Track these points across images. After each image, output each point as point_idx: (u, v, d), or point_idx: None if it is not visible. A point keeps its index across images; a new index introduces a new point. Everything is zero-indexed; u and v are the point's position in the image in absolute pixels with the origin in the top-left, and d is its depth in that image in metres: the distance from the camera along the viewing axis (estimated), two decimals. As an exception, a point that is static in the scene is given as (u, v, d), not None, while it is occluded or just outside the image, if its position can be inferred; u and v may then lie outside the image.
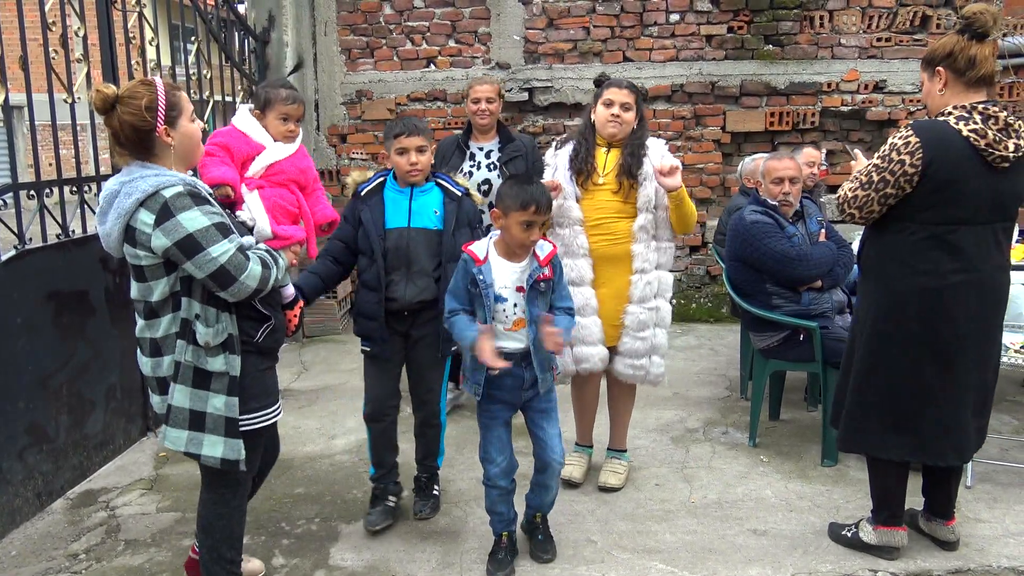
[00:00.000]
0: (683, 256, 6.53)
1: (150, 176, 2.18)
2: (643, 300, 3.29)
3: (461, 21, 6.38)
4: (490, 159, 4.14)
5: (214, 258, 2.17)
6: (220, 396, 2.27)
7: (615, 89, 3.26)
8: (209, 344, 2.24)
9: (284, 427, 4.27)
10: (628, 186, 3.24)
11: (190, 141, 2.30)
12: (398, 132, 2.99)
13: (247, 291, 2.24)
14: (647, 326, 3.31)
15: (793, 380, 4.55)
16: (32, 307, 3.31)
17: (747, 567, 2.85)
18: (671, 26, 6.24)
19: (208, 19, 5.06)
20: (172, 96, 2.24)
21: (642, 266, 3.27)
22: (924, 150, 2.55)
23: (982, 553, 2.91)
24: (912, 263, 2.65)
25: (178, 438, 2.28)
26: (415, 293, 3.05)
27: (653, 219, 3.27)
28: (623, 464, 3.56)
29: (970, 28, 2.60)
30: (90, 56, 3.79)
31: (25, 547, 3.09)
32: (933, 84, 2.68)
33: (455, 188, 3.14)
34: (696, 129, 6.35)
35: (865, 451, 2.84)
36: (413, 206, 3.07)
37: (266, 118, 2.80)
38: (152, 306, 2.26)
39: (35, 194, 3.47)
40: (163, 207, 2.14)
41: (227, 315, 2.28)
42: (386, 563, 2.93)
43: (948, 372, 2.68)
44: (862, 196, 2.67)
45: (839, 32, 6.19)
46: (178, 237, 2.14)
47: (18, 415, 3.22)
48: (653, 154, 3.27)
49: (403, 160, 3.00)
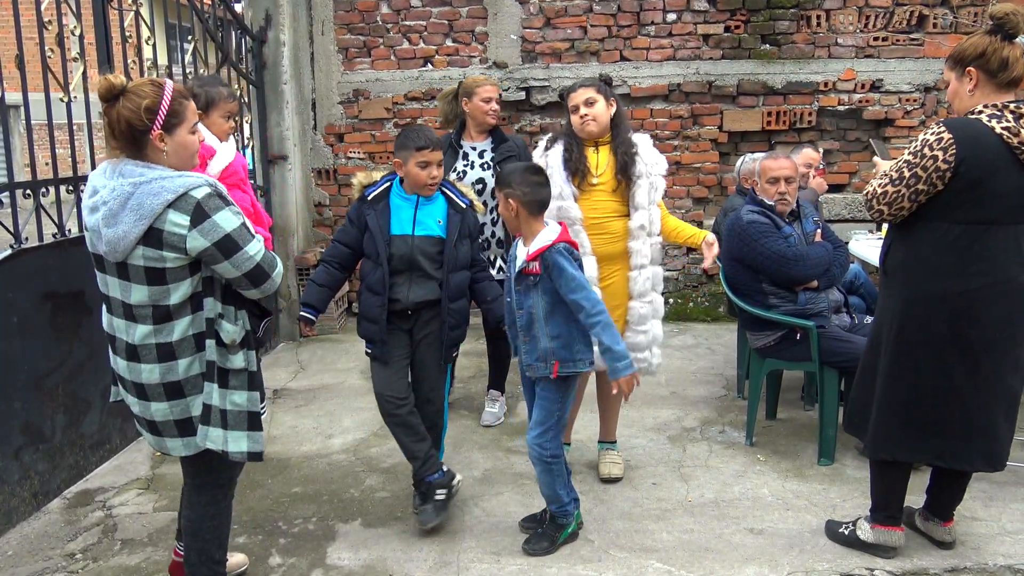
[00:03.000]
0: (680, 256, 6.54)
1: (172, 176, 2.13)
2: (643, 295, 3.39)
3: (458, 20, 6.38)
4: (483, 159, 4.14)
5: (251, 256, 2.20)
6: (241, 392, 2.29)
7: (573, 94, 3.38)
8: (235, 342, 2.26)
9: (281, 427, 4.29)
10: (624, 185, 3.32)
11: (185, 152, 2.23)
12: (421, 145, 3.01)
13: (274, 287, 2.30)
14: (647, 319, 3.40)
15: (790, 379, 4.56)
16: (28, 307, 3.30)
17: (744, 566, 2.85)
18: (668, 25, 6.24)
19: (205, 18, 5.05)
20: (177, 104, 2.18)
21: (641, 262, 3.36)
22: (957, 146, 2.50)
23: (978, 552, 2.91)
24: (941, 265, 2.60)
25: (216, 437, 2.26)
26: (418, 295, 3.10)
27: (649, 216, 3.34)
28: (619, 454, 3.65)
29: (1001, 29, 2.55)
30: (86, 55, 3.79)
31: (22, 547, 3.09)
32: (962, 84, 2.62)
33: (460, 199, 3.18)
34: (693, 129, 6.35)
35: (895, 457, 2.78)
36: (418, 215, 3.10)
37: (209, 118, 2.68)
38: (168, 310, 2.19)
39: (31, 193, 3.46)
40: (197, 208, 2.11)
41: (244, 312, 2.32)
42: (383, 562, 2.93)
43: (976, 376, 2.63)
44: (892, 192, 2.62)
45: (836, 31, 6.19)
46: (217, 237, 2.14)
47: (14, 415, 3.21)
48: (643, 152, 3.36)
49: (424, 173, 3.03)
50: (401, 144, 3.08)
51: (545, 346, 2.85)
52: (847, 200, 6.25)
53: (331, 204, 6.60)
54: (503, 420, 4.28)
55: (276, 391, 4.90)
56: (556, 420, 2.93)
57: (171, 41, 5.30)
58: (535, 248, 2.80)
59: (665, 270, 6.49)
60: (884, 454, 2.80)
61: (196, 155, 2.31)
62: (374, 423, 4.31)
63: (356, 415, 4.45)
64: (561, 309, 2.82)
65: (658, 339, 3.47)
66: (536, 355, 2.87)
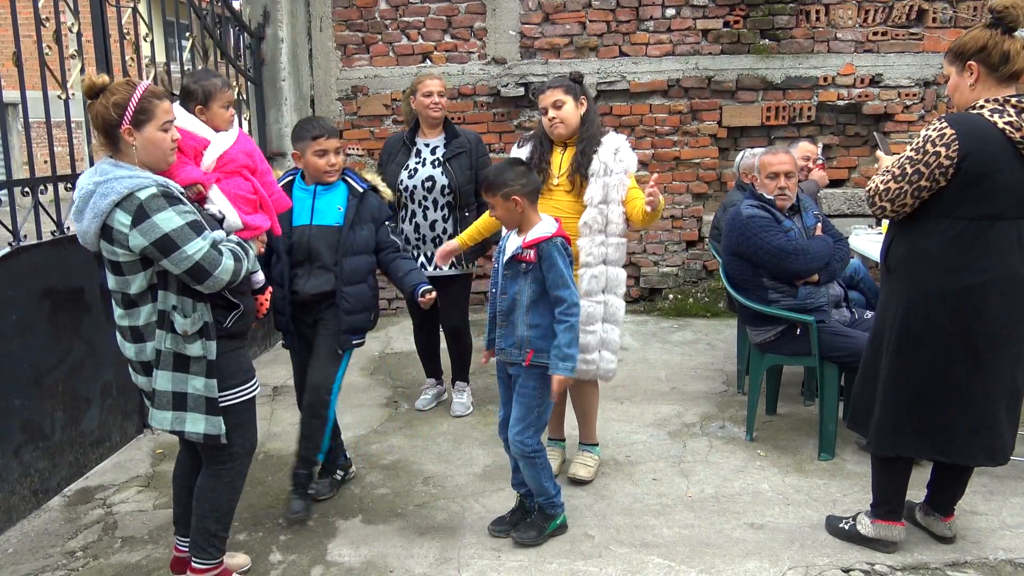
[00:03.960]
0: (680, 251, 6.53)
1: (124, 177, 2.28)
2: (589, 294, 3.26)
3: (457, 16, 6.37)
4: (435, 155, 4.14)
5: (189, 256, 2.31)
6: (200, 378, 2.44)
7: (542, 96, 3.36)
8: (187, 333, 2.39)
9: (281, 423, 4.28)
10: (580, 184, 3.29)
11: (155, 149, 2.36)
12: (317, 134, 3.12)
13: (221, 284, 2.40)
14: (595, 320, 3.29)
15: (790, 375, 4.55)
16: (27, 304, 3.30)
17: (744, 561, 2.85)
18: (667, 21, 6.23)
19: (203, 15, 5.04)
20: (147, 102, 2.32)
21: (587, 260, 3.27)
22: (960, 142, 2.50)
23: (979, 546, 2.91)
24: (944, 260, 2.59)
25: (164, 418, 2.46)
26: (314, 285, 3.17)
27: (600, 215, 3.26)
28: (593, 457, 3.59)
29: (1001, 22, 2.53)
30: (84, 53, 3.78)
31: (22, 545, 3.09)
32: (963, 79, 2.61)
33: (358, 184, 3.25)
34: (692, 124, 6.34)
35: (898, 452, 2.78)
36: (317, 204, 3.19)
37: (210, 110, 2.75)
38: (131, 297, 2.39)
39: (29, 191, 3.46)
40: (139, 208, 2.26)
41: (202, 304, 2.43)
42: (384, 558, 2.93)
43: (979, 372, 2.63)
44: (894, 189, 2.61)
45: (835, 26, 6.18)
46: (155, 237, 2.28)
47: (13, 412, 3.21)
48: (605, 150, 3.28)
49: (323, 161, 3.12)
50: (297, 135, 3.17)
51: (522, 334, 2.89)
52: (847, 195, 6.25)
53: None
54: (472, 409, 4.36)
55: (276, 388, 4.90)
56: (536, 416, 2.93)
57: (169, 38, 5.29)
58: (532, 237, 2.84)
59: (665, 265, 6.50)
60: (887, 450, 2.79)
61: (171, 152, 2.41)
62: (374, 420, 4.31)
63: (355, 412, 4.44)
64: (544, 300, 2.86)
65: (610, 343, 3.33)
66: (512, 341, 2.92)
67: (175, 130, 2.43)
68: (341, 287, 3.17)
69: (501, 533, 3.05)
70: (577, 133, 3.34)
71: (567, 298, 2.82)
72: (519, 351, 2.90)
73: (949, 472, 2.88)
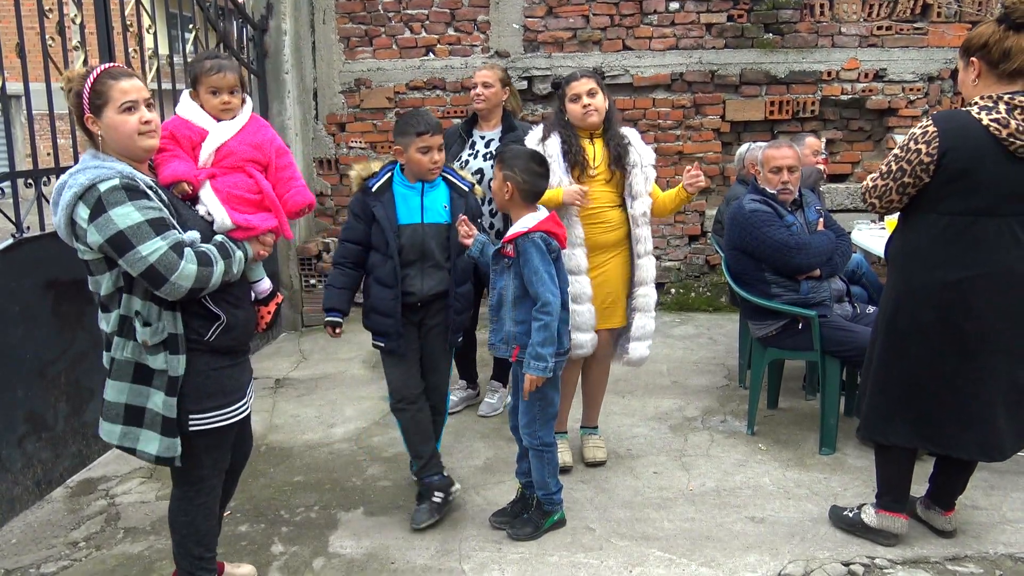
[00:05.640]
0: (682, 245, 6.52)
1: (91, 168, 2.13)
2: (646, 282, 3.46)
3: (460, 9, 6.35)
4: (489, 148, 4.12)
5: (143, 256, 2.09)
6: (159, 394, 2.21)
7: (575, 82, 3.38)
8: (147, 343, 2.18)
9: (283, 415, 4.30)
10: (619, 176, 3.39)
11: (116, 133, 2.17)
12: (421, 130, 2.96)
13: (180, 291, 2.15)
14: (651, 307, 3.49)
15: (791, 369, 4.55)
16: (30, 296, 3.31)
17: (745, 554, 2.86)
18: (671, 14, 6.21)
19: (206, 7, 5.04)
20: (100, 85, 2.15)
21: (648, 248, 3.44)
22: (940, 139, 2.53)
23: (979, 540, 2.92)
24: (930, 255, 2.63)
25: (111, 431, 2.26)
26: (431, 286, 3.10)
27: (647, 204, 3.42)
28: (601, 439, 3.72)
29: (1008, 18, 2.53)
30: (87, 44, 3.78)
31: (25, 535, 3.10)
32: (967, 74, 2.64)
33: (462, 183, 3.18)
34: (696, 118, 6.33)
35: (888, 440, 2.81)
36: (425, 202, 3.09)
37: (200, 96, 2.46)
38: (102, 300, 2.24)
39: (32, 183, 3.47)
40: (97, 202, 2.08)
41: (170, 314, 2.21)
42: (385, 550, 2.94)
43: (970, 366, 2.64)
44: (881, 186, 2.68)
45: (839, 20, 6.16)
46: (109, 234, 2.08)
47: (17, 403, 3.22)
48: (634, 142, 3.44)
49: (426, 158, 3.00)
50: (401, 130, 3.03)
51: (509, 329, 2.88)
52: (849, 190, 6.24)
53: (332, 194, 6.60)
54: (500, 411, 4.27)
55: (278, 380, 4.91)
56: (540, 408, 2.93)
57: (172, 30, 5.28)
58: (512, 232, 2.84)
59: (667, 260, 6.50)
60: (879, 437, 2.83)
61: (141, 137, 2.19)
62: (376, 412, 4.32)
63: (358, 404, 4.46)
64: (530, 297, 2.83)
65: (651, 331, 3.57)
66: (500, 336, 2.92)
67: (147, 111, 2.20)
68: (454, 288, 3.13)
69: (502, 525, 3.06)
70: (601, 125, 3.41)
71: (541, 295, 2.76)
72: (506, 346, 2.90)
73: (951, 466, 2.89)
